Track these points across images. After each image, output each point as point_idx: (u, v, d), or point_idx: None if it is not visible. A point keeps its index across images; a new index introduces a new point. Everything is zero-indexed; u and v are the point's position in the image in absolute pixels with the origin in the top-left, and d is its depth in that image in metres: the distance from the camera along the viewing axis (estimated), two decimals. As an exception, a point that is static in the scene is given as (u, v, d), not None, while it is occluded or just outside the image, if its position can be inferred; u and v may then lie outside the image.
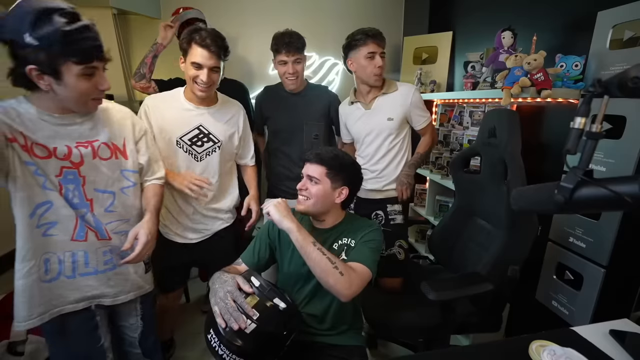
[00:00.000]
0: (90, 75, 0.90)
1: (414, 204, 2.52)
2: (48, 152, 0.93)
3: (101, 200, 1.03)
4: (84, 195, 1.00)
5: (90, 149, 1.00)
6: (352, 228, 1.18)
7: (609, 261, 1.25)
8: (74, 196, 0.98)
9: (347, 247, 1.15)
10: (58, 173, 0.95)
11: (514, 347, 0.84)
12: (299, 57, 1.67)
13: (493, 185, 1.35)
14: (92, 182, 1.01)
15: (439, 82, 2.40)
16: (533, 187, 0.68)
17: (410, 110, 1.60)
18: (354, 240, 1.15)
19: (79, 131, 0.99)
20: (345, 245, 1.15)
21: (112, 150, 1.05)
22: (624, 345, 0.82)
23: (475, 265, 1.33)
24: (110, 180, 1.05)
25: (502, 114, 1.35)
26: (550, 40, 1.55)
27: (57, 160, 0.95)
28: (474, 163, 1.75)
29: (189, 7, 2.07)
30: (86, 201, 1.00)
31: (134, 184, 1.11)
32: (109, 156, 1.04)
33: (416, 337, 1.41)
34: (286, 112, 1.78)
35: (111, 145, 1.05)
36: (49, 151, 0.93)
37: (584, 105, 0.58)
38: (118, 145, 1.07)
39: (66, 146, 0.96)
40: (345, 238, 1.16)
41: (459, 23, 2.32)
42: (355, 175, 1.20)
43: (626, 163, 1.16)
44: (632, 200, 0.52)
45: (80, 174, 0.98)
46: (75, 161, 0.97)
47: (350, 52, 1.59)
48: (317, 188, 1.12)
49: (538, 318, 1.58)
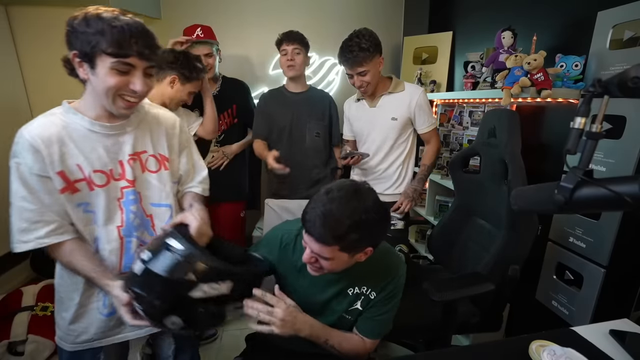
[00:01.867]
0: (123, 73, 0.81)
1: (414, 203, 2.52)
2: (107, 178, 0.87)
3: (159, 215, 0.96)
4: (143, 212, 0.93)
5: (139, 161, 0.93)
6: (373, 271, 0.95)
7: (609, 261, 1.25)
8: (136, 217, 0.91)
9: (363, 298, 0.96)
10: (120, 196, 0.89)
11: (514, 347, 0.84)
12: (298, 48, 1.73)
13: (493, 185, 1.35)
14: (146, 197, 0.94)
15: (439, 82, 2.40)
16: (533, 187, 0.68)
17: (414, 111, 1.58)
18: (374, 291, 0.95)
19: (130, 142, 0.91)
20: (363, 295, 0.96)
21: (160, 162, 0.97)
22: (624, 345, 0.83)
23: (476, 265, 1.33)
24: (163, 193, 0.97)
25: (502, 114, 1.35)
26: (550, 40, 1.55)
27: (115, 182, 0.88)
28: (473, 163, 1.75)
29: (206, 27, 1.86)
30: (146, 217, 0.94)
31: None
32: (157, 169, 0.96)
33: (416, 337, 1.41)
34: (289, 110, 1.81)
35: (158, 156, 0.97)
36: (107, 176, 0.87)
37: (584, 105, 0.58)
38: (165, 155, 0.98)
39: (119, 162, 0.89)
40: (363, 286, 0.96)
41: (459, 23, 2.32)
42: (382, 230, 0.87)
43: (626, 163, 1.16)
44: (632, 200, 0.52)
45: (137, 190, 0.92)
46: (130, 179, 0.90)
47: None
48: (331, 263, 0.84)
49: (538, 318, 1.58)
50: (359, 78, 1.50)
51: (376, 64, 1.49)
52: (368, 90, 1.55)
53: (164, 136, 0.98)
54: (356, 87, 1.55)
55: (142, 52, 0.80)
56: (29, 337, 1.64)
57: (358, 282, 0.95)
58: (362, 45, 1.42)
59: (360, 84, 1.52)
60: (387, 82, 1.61)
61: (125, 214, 0.90)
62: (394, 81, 1.61)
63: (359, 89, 1.57)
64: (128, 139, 0.91)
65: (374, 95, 1.62)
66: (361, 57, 1.43)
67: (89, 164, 0.85)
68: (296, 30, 1.78)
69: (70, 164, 0.83)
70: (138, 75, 0.82)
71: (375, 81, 1.53)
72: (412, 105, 1.56)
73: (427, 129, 1.62)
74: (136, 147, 0.92)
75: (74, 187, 0.84)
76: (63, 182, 0.82)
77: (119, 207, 0.89)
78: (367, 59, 1.44)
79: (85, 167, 0.84)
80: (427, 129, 1.62)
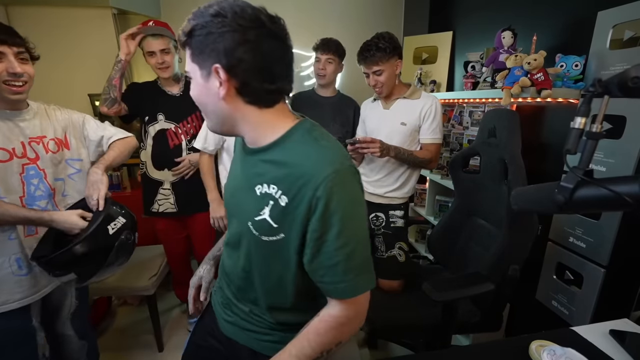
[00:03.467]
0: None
1: (414, 204, 2.52)
2: (9, 155, 1.02)
3: (59, 188, 1.15)
4: (48, 186, 1.11)
5: (42, 145, 1.11)
6: (293, 163, 0.64)
7: (609, 261, 1.25)
8: (37, 189, 1.08)
9: (272, 205, 0.66)
10: (21, 171, 1.05)
11: (514, 347, 0.84)
12: (331, 58, 1.81)
13: (493, 185, 1.35)
14: (50, 174, 1.12)
15: (439, 82, 2.40)
16: (533, 187, 0.68)
17: (422, 118, 1.55)
18: (285, 195, 0.64)
19: (30, 128, 1.09)
20: (271, 198, 0.66)
21: (58, 144, 1.16)
22: (624, 346, 0.82)
23: (476, 265, 1.33)
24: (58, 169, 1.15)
25: (502, 114, 1.35)
26: (550, 40, 1.55)
27: (18, 159, 1.04)
28: (473, 163, 1.75)
29: (162, 23, 1.71)
30: (51, 191, 1.12)
31: (78, 170, 1.22)
32: (56, 150, 1.15)
33: (416, 337, 1.41)
34: (317, 112, 1.82)
35: (56, 140, 1.15)
36: (10, 153, 1.03)
37: (584, 105, 0.58)
38: (61, 139, 1.18)
39: (21, 143, 1.05)
40: (273, 185, 0.66)
41: (459, 23, 2.32)
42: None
43: (626, 163, 1.16)
44: (632, 200, 0.52)
45: (40, 167, 1.09)
46: (31, 157, 1.07)
47: None
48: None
49: (538, 318, 1.58)
50: (374, 77, 1.52)
51: (392, 65, 1.51)
52: (383, 90, 1.56)
53: (59, 124, 1.18)
54: (371, 85, 1.56)
55: (4, 40, 0.95)
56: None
57: (272, 178, 0.67)
58: (380, 45, 1.45)
59: (374, 83, 1.54)
60: (405, 87, 1.61)
61: (27, 187, 1.06)
62: (412, 88, 1.61)
63: (373, 88, 1.58)
64: (28, 125, 1.09)
65: (390, 98, 1.62)
66: (377, 56, 1.46)
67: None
68: (334, 40, 1.83)
69: None
70: (10, 60, 0.96)
71: (390, 83, 1.54)
72: (422, 113, 1.55)
73: (429, 140, 1.56)
74: (36, 132, 1.10)
75: None
76: None
77: (20, 180, 1.05)
78: (383, 58, 1.47)
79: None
80: (429, 140, 1.56)
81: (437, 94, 2.28)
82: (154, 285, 1.81)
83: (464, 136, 2.04)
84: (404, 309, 1.44)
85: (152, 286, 1.79)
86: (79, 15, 2.10)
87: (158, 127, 1.73)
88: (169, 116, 1.73)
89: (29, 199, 1.07)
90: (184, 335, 1.98)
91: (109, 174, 1.89)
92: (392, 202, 1.63)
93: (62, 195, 1.17)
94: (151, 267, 1.85)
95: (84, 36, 2.14)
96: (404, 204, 1.66)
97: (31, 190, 1.07)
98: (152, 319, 1.87)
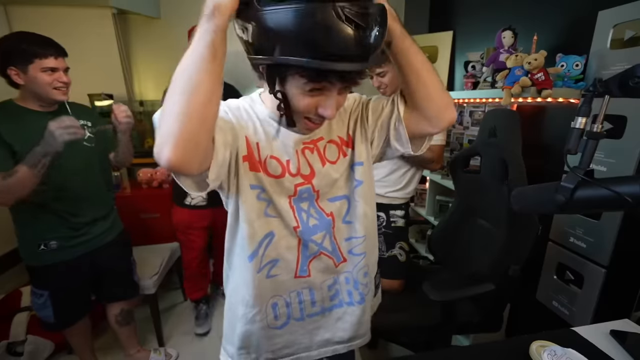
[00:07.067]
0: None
1: (414, 204, 2.52)
2: (282, 169, 0.74)
3: (338, 210, 0.81)
4: (322, 212, 0.78)
5: (316, 152, 0.77)
6: None
7: (610, 261, 1.25)
8: (311, 217, 0.77)
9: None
10: (292, 193, 0.75)
11: (514, 347, 0.84)
12: None
13: (493, 185, 1.35)
14: (325, 194, 0.79)
15: (439, 81, 2.40)
16: (533, 187, 0.68)
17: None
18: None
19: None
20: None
21: (339, 146, 0.80)
22: (624, 346, 0.82)
23: (476, 265, 1.33)
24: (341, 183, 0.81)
25: (502, 113, 1.35)
26: (551, 40, 1.54)
27: (291, 177, 0.74)
28: (473, 163, 1.75)
29: None
30: (327, 217, 0.79)
31: (359, 182, 0.81)
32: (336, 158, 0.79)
33: (416, 337, 1.41)
34: None
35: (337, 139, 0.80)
36: (283, 167, 0.74)
37: (584, 105, 0.58)
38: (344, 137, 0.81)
39: (296, 152, 0.74)
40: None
41: (459, 23, 2.32)
42: None
43: (627, 163, 1.16)
44: (632, 200, 0.52)
45: (315, 188, 0.77)
46: (305, 173, 0.76)
47: None
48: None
49: (538, 318, 1.58)
50: (377, 79, 1.53)
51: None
52: (386, 91, 1.57)
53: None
54: (375, 86, 1.57)
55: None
56: (28, 337, 1.64)
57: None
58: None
59: (378, 85, 1.55)
60: None
61: (297, 213, 0.78)
62: None
63: (378, 89, 1.59)
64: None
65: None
66: (380, 58, 1.46)
67: (269, 144, 0.74)
68: None
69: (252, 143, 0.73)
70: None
71: (394, 83, 1.55)
72: None
73: (432, 142, 1.55)
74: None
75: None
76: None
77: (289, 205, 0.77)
78: (386, 60, 1.47)
79: (263, 149, 0.74)
80: (432, 142, 1.49)
81: (438, 93, 2.28)
82: (155, 285, 1.81)
83: (464, 136, 2.04)
84: (404, 308, 1.43)
85: (153, 285, 1.79)
86: (79, 15, 2.10)
87: None
88: None
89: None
90: (185, 335, 1.98)
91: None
92: (393, 202, 1.64)
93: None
94: (152, 267, 1.85)
95: (84, 36, 2.14)
96: (405, 204, 1.66)
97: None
98: (153, 318, 1.87)
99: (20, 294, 1.79)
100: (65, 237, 1.35)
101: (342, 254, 0.82)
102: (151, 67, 2.50)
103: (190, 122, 0.52)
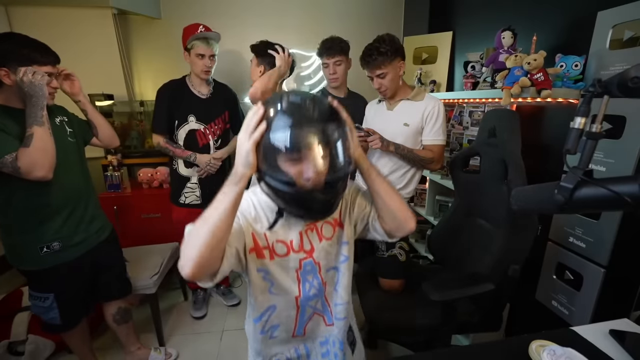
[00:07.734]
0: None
1: (414, 204, 2.52)
2: (287, 248, 0.86)
3: (331, 279, 0.94)
4: (321, 281, 0.90)
5: (315, 230, 0.89)
6: None
7: (609, 261, 1.25)
8: (312, 287, 0.89)
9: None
10: (298, 267, 0.87)
11: (514, 347, 0.84)
12: (339, 60, 1.84)
13: (493, 185, 1.35)
14: (324, 266, 0.90)
15: (439, 82, 2.40)
16: (533, 187, 0.68)
17: (425, 120, 1.55)
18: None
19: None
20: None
21: (333, 226, 0.92)
22: (623, 345, 0.83)
23: (476, 265, 1.33)
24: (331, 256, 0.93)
25: (502, 114, 1.35)
26: (550, 40, 1.55)
27: (295, 254, 0.86)
28: (473, 163, 1.75)
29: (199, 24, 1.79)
30: (322, 285, 0.91)
31: (346, 258, 0.93)
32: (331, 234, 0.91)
33: (416, 337, 1.41)
34: None
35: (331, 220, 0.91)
36: (287, 246, 0.86)
37: (583, 105, 0.58)
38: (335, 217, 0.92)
39: (299, 232, 0.87)
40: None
41: (459, 23, 2.32)
42: None
43: (626, 163, 1.16)
44: (632, 200, 0.52)
45: (315, 261, 0.89)
46: (307, 249, 0.87)
47: None
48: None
49: (538, 318, 1.58)
50: (377, 80, 1.54)
51: (395, 67, 1.52)
52: (387, 93, 1.58)
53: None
54: (375, 88, 1.58)
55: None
56: (29, 337, 1.64)
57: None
58: (381, 50, 1.46)
59: (379, 86, 1.55)
60: (409, 89, 1.62)
61: (302, 284, 0.89)
62: (415, 90, 1.62)
63: (378, 91, 1.59)
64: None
65: (393, 99, 1.63)
66: (380, 60, 1.47)
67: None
68: (336, 39, 1.82)
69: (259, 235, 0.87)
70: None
71: (394, 84, 1.55)
72: (425, 114, 1.55)
73: (430, 141, 1.56)
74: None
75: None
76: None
77: (297, 277, 0.89)
78: (386, 62, 1.48)
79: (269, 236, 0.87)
80: (431, 142, 1.56)
81: (437, 94, 2.28)
82: (156, 285, 1.81)
83: (464, 136, 2.04)
84: (404, 308, 1.44)
85: (153, 285, 1.79)
86: (79, 15, 2.10)
87: (188, 127, 1.88)
88: (199, 117, 1.88)
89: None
90: (186, 334, 1.98)
91: (109, 174, 2.27)
92: None
93: None
94: (152, 267, 1.86)
95: (84, 36, 2.14)
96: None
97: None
98: (153, 318, 1.87)
99: (21, 294, 1.79)
100: (66, 236, 1.35)
101: (332, 315, 0.95)
102: (151, 67, 2.50)
103: (206, 252, 0.68)
